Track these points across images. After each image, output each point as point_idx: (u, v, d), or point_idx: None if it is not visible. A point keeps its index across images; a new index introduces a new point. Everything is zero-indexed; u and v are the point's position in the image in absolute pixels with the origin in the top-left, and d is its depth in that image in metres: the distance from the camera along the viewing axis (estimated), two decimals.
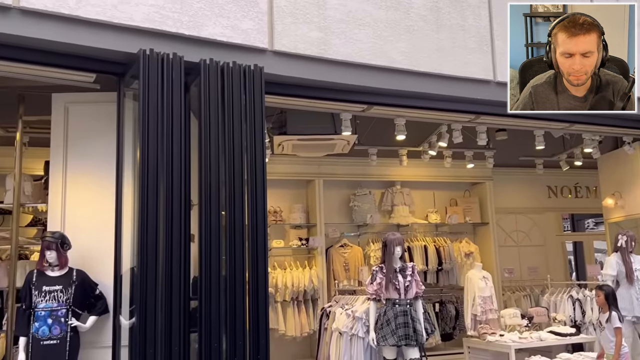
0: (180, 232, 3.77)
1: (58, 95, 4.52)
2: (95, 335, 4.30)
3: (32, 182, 4.95)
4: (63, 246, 4.17)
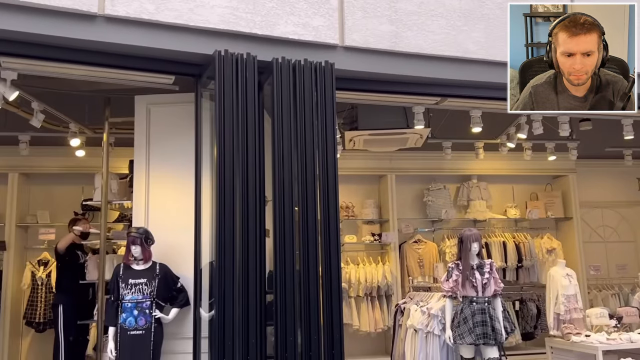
0: (256, 228, 3.85)
1: (140, 97, 4.75)
2: (177, 326, 4.49)
3: (118, 180, 5.24)
4: (147, 241, 4.38)
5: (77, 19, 3.69)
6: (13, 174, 6.61)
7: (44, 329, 6.50)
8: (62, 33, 3.66)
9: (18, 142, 6.15)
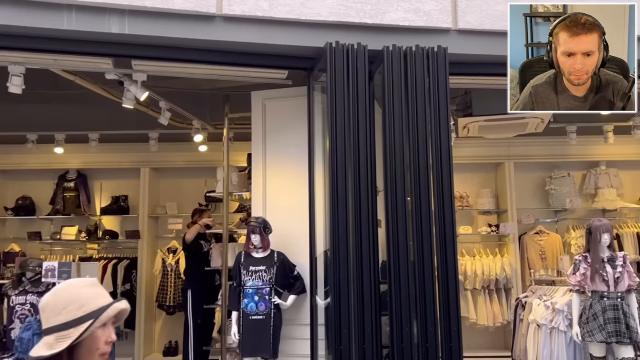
0: (368, 218, 3.86)
1: (256, 93, 4.94)
2: (295, 313, 4.64)
3: (238, 172, 5.51)
4: (265, 230, 4.56)
5: (197, 20, 3.92)
6: (144, 168, 7.20)
7: (174, 312, 7.03)
8: (184, 34, 3.91)
9: (148, 139, 6.68)
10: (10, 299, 4.69)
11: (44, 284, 4.74)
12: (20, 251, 7.07)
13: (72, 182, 7.28)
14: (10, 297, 4.70)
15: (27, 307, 4.67)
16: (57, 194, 7.29)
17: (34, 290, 4.73)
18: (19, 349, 3.83)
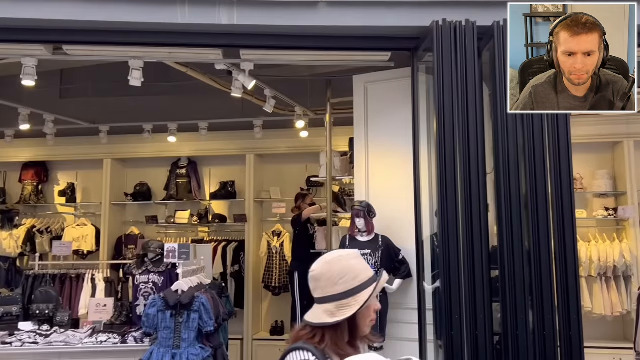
0: (479, 201, 3.74)
1: (358, 77, 4.93)
2: (401, 297, 4.63)
3: (340, 157, 5.54)
4: (369, 214, 4.57)
5: (302, 6, 3.97)
6: (249, 155, 7.46)
7: (279, 293, 7.27)
8: (290, 22, 3.97)
9: (253, 127, 6.91)
10: (135, 278, 5.09)
11: (164, 264, 5.09)
12: (139, 234, 7.62)
13: (184, 169, 7.72)
14: (135, 276, 5.09)
15: (149, 285, 5.04)
16: (170, 180, 7.76)
17: (156, 270, 5.09)
18: (146, 324, 4.15)
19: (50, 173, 8.14)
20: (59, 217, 7.94)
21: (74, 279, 5.57)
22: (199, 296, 4.22)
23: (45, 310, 4.93)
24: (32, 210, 8.01)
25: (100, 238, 7.57)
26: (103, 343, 4.44)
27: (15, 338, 4.44)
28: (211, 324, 4.18)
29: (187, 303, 4.15)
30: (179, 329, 4.10)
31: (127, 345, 4.45)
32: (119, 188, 7.85)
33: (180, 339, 4.08)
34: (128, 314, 5.07)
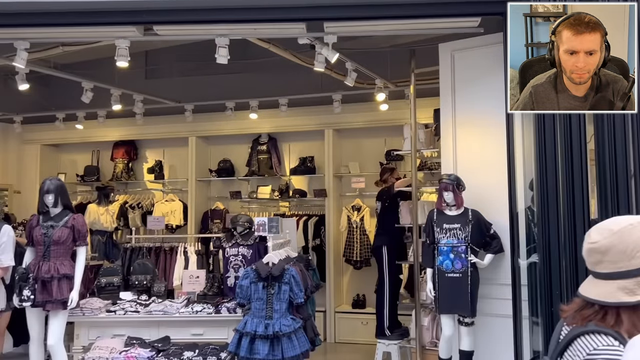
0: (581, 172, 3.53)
1: (444, 45, 4.76)
2: (492, 272, 4.50)
3: (424, 129, 5.41)
4: (458, 187, 4.44)
5: None
6: (328, 130, 7.46)
7: (361, 267, 7.30)
8: None
9: (331, 102, 6.89)
10: (225, 251, 5.26)
11: (252, 237, 5.22)
12: (224, 209, 7.87)
13: (265, 146, 7.84)
14: (225, 249, 5.26)
15: (239, 258, 5.20)
16: (252, 156, 7.92)
17: (244, 243, 5.23)
18: (240, 295, 4.28)
19: (139, 151, 8.55)
20: (148, 193, 8.34)
21: (167, 252, 5.85)
22: (289, 268, 4.30)
23: (143, 281, 5.21)
24: (123, 187, 8.47)
25: (187, 213, 7.88)
26: (198, 313, 4.63)
27: (118, 307, 4.73)
28: (301, 296, 4.26)
29: (278, 275, 4.24)
30: (271, 300, 4.20)
31: (221, 315, 4.63)
32: (204, 165, 8.11)
33: (272, 310, 4.18)
34: (219, 286, 5.27)
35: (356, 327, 7.10)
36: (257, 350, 4.09)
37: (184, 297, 4.98)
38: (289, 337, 4.10)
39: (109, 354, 4.34)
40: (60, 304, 4.21)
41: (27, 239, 4.42)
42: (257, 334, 4.10)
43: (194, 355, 4.33)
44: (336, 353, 6.67)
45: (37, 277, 4.18)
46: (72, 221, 4.35)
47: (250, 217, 5.47)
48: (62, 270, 4.24)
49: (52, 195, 4.29)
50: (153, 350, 4.40)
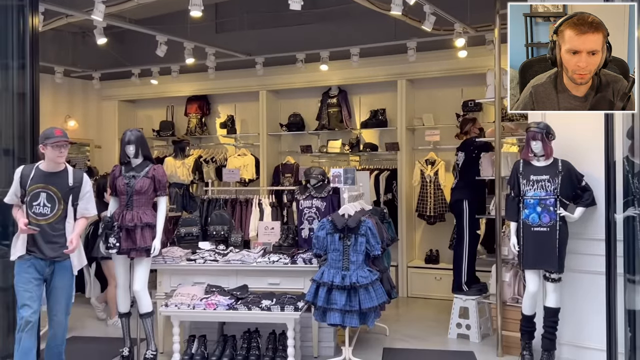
0: None
1: None
2: (581, 226, 4.24)
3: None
4: (548, 136, 4.16)
5: None
6: (401, 81, 7.20)
7: (434, 222, 7.13)
8: None
9: (406, 50, 6.60)
10: (299, 203, 5.24)
11: (326, 190, 5.17)
12: (294, 163, 7.86)
13: (335, 99, 7.69)
14: (299, 201, 5.25)
15: (313, 210, 5.17)
16: (321, 110, 7.81)
17: (318, 195, 5.19)
18: (317, 245, 4.27)
19: (211, 106, 8.64)
20: (221, 148, 8.46)
21: (242, 204, 5.92)
22: (365, 220, 4.22)
23: (220, 232, 5.31)
24: (197, 142, 8.63)
25: (259, 167, 7.94)
26: (275, 263, 4.67)
27: (197, 255, 4.85)
28: (378, 248, 4.18)
29: (354, 227, 4.17)
30: (347, 252, 4.16)
31: (297, 266, 4.64)
32: (274, 119, 8.09)
33: (349, 262, 4.14)
34: (294, 237, 5.29)
35: (429, 282, 7.00)
36: (334, 301, 4.08)
37: (260, 247, 5.04)
38: (366, 289, 4.06)
39: (190, 300, 4.47)
40: (143, 251, 4.35)
41: (110, 189, 4.57)
42: (334, 285, 4.09)
43: (272, 304, 4.39)
44: (410, 307, 6.62)
45: (122, 226, 4.32)
46: (152, 172, 4.44)
47: (324, 169, 5.41)
48: (145, 219, 4.36)
49: (133, 146, 4.38)
50: (232, 298, 4.49)
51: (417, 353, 4.90)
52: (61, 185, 3.69)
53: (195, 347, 4.58)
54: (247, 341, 4.55)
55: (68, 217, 3.72)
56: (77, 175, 3.78)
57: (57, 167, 3.72)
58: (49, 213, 3.66)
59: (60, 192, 3.68)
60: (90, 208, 3.83)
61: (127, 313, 4.58)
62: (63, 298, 3.73)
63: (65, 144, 3.67)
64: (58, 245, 3.66)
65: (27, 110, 4.43)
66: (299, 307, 4.35)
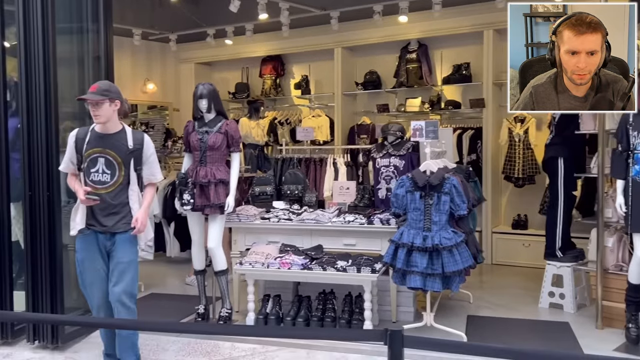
0: None
1: None
2: None
3: None
4: None
5: None
6: (487, 31, 6.64)
7: (523, 185, 6.62)
8: None
9: None
10: (376, 162, 4.96)
11: (404, 147, 4.85)
12: (370, 123, 7.54)
13: (414, 54, 7.25)
14: (375, 159, 4.96)
15: (390, 169, 4.88)
16: (400, 66, 7.39)
17: (396, 153, 4.88)
18: (395, 204, 3.98)
19: (286, 67, 8.45)
20: (296, 109, 8.29)
21: (317, 163, 5.72)
22: (450, 177, 3.87)
23: (295, 191, 5.15)
24: (271, 104, 8.50)
25: (334, 128, 7.70)
26: (350, 223, 4.44)
27: (272, 214, 4.71)
28: (464, 207, 3.84)
29: (437, 185, 3.84)
30: (429, 211, 3.85)
31: (373, 226, 4.39)
32: (349, 78, 7.79)
33: (431, 222, 3.83)
34: (370, 197, 5.04)
35: (517, 248, 6.54)
36: (414, 263, 3.81)
37: (335, 208, 4.83)
38: (449, 251, 3.75)
39: (264, 259, 4.36)
40: (217, 208, 4.26)
41: (184, 145, 4.50)
42: (414, 246, 3.81)
43: (348, 265, 4.18)
44: (494, 275, 6.22)
45: (195, 182, 4.25)
46: (225, 127, 4.31)
47: (402, 125, 5.07)
48: (218, 175, 4.26)
49: (205, 100, 4.26)
50: (307, 257, 4.33)
51: (505, 322, 4.55)
52: (120, 149, 3.21)
53: (270, 306, 4.48)
54: (323, 302, 4.39)
55: (131, 184, 3.26)
56: (137, 137, 3.29)
57: (112, 128, 3.24)
58: (109, 181, 3.21)
59: (120, 157, 3.21)
60: (156, 173, 3.35)
61: (202, 270, 4.55)
62: (127, 275, 3.22)
63: (94, 103, 3.15)
64: (120, 216, 3.23)
65: (102, 74, 4.43)
66: (376, 269, 4.12)
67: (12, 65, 4.28)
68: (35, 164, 3.94)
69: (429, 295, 4.04)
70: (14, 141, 4.19)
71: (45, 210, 3.89)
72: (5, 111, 4.15)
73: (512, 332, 4.31)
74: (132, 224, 3.22)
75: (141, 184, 3.34)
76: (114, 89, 3.26)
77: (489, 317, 4.68)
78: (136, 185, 3.28)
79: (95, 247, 3.25)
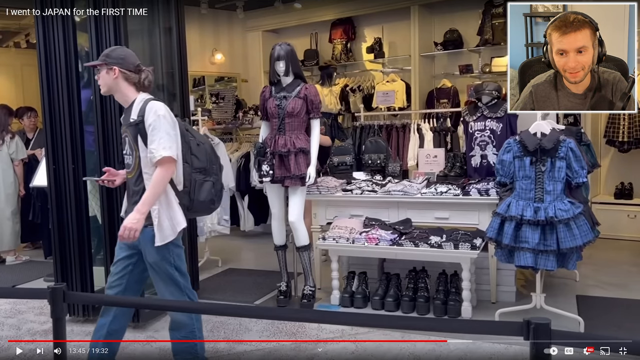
0: None
1: None
2: None
3: None
4: None
5: None
6: None
7: (628, 149, 5.95)
8: None
9: None
10: (468, 126, 4.47)
11: (502, 108, 4.33)
12: (451, 86, 6.99)
13: (501, 7, 6.56)
14: (468, 123, 4.47)
15: (486, 133, 4.37)
16: (484, 23, 6.75)
17: (492, 115, 4.37)
18: (501, 172, 3.51)
19: (357, 30, 7.96)
20: (368, 75, 7.82)
21: (399, 130, 5.29)
22: (566, 140, 3.36)
23: (377, 160, 4.77)
24: (342, 70, 8.06)
25: (410, 94, 7.19)
26: (443, 194, 4.02)
27: (354, 186, 4.36)
28: (583, 175, 3.33)
29: (551, 149, 3.34)
30: (542, 179, 3.36)
31: (470, 198, 3.95)
32: (427, 38, 7.23)
33: (544, 191, 3.35)
34: (462, 166, 4.56)
35: (620, 220, 5.90)
36: (524, 238, 3.34)
37: (422, 178, 4.41)
38: (566, 225, 3.26)
39: (348, 234, 4.03)
40: (298, 179, 3.95)
41: (261, 113, 4.19)
42: (524, 219, 3.34)
43: (443, 241, 3.78)
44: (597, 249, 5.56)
45: (274, 152, 3.95)
46: (304, 91, 3.96)
47: (499, 84, 4.54)
48: (298, 144, 3.94)
49: (282, 62, 3.93)
50: (395, 232, 3.97)
51: (621, 303, 4.03)
52: (129, 124, 2.64)
53: (356, 284, 4.17)
54: (414, 281, 4.02)
55: (144, 167, 2.63)
56: (142, 107, 2.62)
57: (124, 101, 2.71)
58: (130, 163, 2.70)
59: (131, 134, 2.64)
60: (158, 147, 2.53)
61: (283, 245, 4.28)
62: (157, 282, 2.68)
63: (95, 67, 2.70)
64: None
65: (174, 45, 4.18)
66: (477, 245, 3.69)
67: (84, 38, 4.10)
68: (109, 137, 3.75)
69: (539, 275, 3.58)
70: (87, 114, 4.02)
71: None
72: (78, 83, 3.98)
73: (634, 317, 3.79)
74: (121, 230, 2.55)
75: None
76: (115, 54, 2.68)
77: (601, 297, 4.17)
78: (149, 167, 2.60)
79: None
